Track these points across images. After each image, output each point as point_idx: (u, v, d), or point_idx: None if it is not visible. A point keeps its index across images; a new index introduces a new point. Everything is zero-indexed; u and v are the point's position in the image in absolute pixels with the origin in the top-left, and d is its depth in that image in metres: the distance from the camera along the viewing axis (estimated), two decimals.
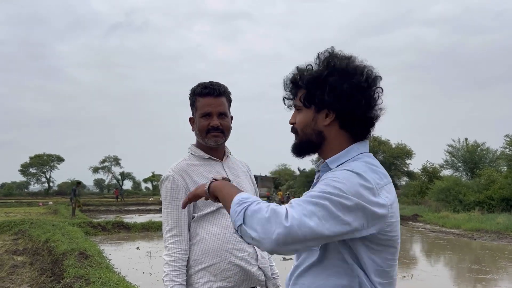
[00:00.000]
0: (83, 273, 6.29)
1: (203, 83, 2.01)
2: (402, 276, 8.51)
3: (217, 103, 1.96)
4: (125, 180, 72.92)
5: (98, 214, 26.10)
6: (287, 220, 1.08)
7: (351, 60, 1.31)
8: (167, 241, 1.89)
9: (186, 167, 1.96)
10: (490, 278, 8.80)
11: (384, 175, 1.28)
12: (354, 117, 1.28)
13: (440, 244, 14.04)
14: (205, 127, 1.96)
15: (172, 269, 1.84)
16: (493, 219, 17.87)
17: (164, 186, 1.94)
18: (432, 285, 8.23)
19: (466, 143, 31.30)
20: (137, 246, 12.75)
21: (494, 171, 25.78)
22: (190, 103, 2.04)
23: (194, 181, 1.93)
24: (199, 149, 2.03)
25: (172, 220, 1.90)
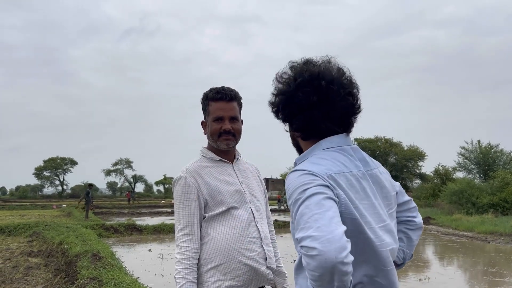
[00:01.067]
0: (96, 275, 6.37)
1: (215, 88, 2.07)
2: (419, 279, 8.50)
3: (229, 108, 2.03)
4: (137, 183, 73.41)
5: (110, 217, 26.32)
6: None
7: (290, 79, 1.39)
8: (179, 240, 1.94)
9: (198, 169, 2.02)
10: (507, 281, 8.71)
11: (333, 165, 1.30)
12: (303, 129, 1.38)
13: (454, 247, 13.90)
14: (217, 131, 2.02)
15: (183, 267, 1.89)
16: (507, 222, 17.65)
17: (176, 186, 2.00)
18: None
19: (479, 145, 30.94)
20: (149, 248, 12.85)
21: (508, 173, 25.44)
22: (202, 107, 2.11)
23: (205, 182, 1.99)
24: (210, 152, 2.09)
25: (184, 220, 1.95)
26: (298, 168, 1.29)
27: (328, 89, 1.33)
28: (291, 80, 1.38)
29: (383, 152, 43.97)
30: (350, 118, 1.40)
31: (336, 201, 1.21)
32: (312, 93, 1.33)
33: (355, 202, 1.27)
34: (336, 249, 1.05)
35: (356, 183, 1.31)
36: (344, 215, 1.22)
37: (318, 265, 1.05)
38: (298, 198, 1.19)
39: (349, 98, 1.37)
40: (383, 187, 1.40)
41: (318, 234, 1.07)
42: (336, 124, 1.37)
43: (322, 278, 1.07)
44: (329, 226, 1.09)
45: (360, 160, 1.38)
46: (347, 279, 1.08)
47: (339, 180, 1.27)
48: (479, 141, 31.01)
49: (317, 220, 1.11)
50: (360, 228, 1.25)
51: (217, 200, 1.97)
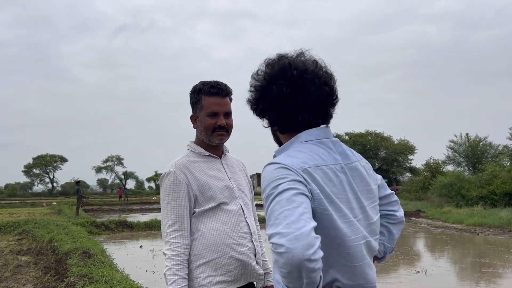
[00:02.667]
0: (87, 272, 6.33)
1: (208, 82, 2.03)
2: (417, 272, 8.57)
3: (224, 103, 2.01)
4: (128, 179, 73.11)
5: (101, 214, 26.17)
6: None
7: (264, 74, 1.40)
8: (168, 236, 1.91)
9: (187, 164, 1.99)
10: (501, 272, 8.83)
11: (310, 158, 1.30)
12: (278, 122, 1.39)
13: (445, 240, 14.04)
14: (211, 126, 1.99)
15: (174, 263, 1.86)
16: (495, 214, 17.86)
17: (165, 181, 1.96)
18: (447, 280, 8.26)
19: (467, 138, 31.24)
20: (140, 245, 12.80)
21: (497, 166, 25.74)
22: (192, 101, 2.06)
23: (195, 177, 1.96)
24: (199, 147, 2.06)
25: (174, 215, 1.92)
26: (274, 161, 1.29)
27: (301, 78, 1.33)
28: (265, 75, 1.38)
29: (374, 146, 44.21)
30: (327, 109, 1.39)
31: (309, 196, 1.20)
32: (285, 84, 1.33)
33: (331, 196, 1.26)
34: (303, 246, 1.05)
35: (333, 177, 1.30)
36: (317, 211, 1.22)
37: (285, 262, 1.06)
38: (270, 193, 1.20)
39: (325, 88, 1.35)
40: (363, 180, 1.39)
41: (286, 231, 1.08)
42: (313, 116, 1.36)
43: (291, 275, 1.08)
44: (297, 222, 1.09)
45: (339, 153, 1.37)
46: (316, 275, 1.08)
47: (315, 174, 1.26)
48: (468, 135, 31.33)
49: (286, 216, 1.11)
50: (334, 224, 1.25)
51: (207, 196, 1.95)
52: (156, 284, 7.01)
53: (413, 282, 7.79)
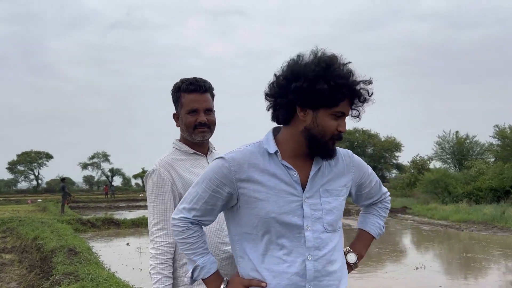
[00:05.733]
0: (72, 270, 6.26)
1: (187, 79, 2.01)
2: (416, 268, 8.65)
3: (203, 99, 1.98)
4: (114, 176, 72.48)
5: (87, 211, 25.96)
6: None
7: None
8: (153, 235, 1.89)
9: (172, 162, 1.96)
10: (493, 267, 8.98)
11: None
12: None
13: (433, 236, 14.21)
14: (192, 123, 1.96)
15: (159, 262, 1.84)
16: (480, 210, 18.12)
17: (150, 180, 1.94)
18: (446, 275, 8.39)
19: (456, 136, 31.60)
20: (127, 242, 12.72)
21: (482, 163, 26.10)
22: (174, 100, 2.04)
23: (180, 176, 1.93)
24: (184, 144, 2.03)
25: (159, 214, 1.89)
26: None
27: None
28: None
29: (361, 143, 44.53)
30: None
31: None
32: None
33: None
34: None
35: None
36: None
37: None
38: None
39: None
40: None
41: None
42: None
43: None
44: None
45: None
46: None
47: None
48: (457, 132, 31.69)
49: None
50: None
51: None
52: (143, 282, 6.96)
53: (409, 278, 7.88)
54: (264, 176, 1.45)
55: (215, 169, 1.48)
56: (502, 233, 14.06)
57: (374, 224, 1.74)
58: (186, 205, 1.54)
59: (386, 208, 1.78)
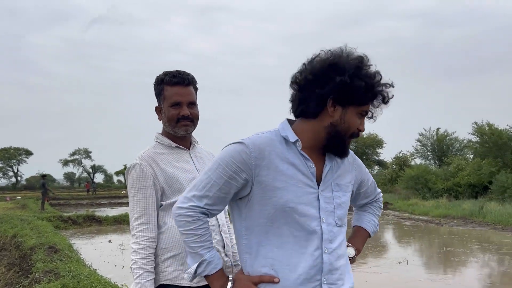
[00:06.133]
0: (53, 267, 6.17)
1: (170, 72, 1.98)
2: (399, 262, 8.78)
3: (187, 93, 1.95)
4: (96, 173, 71.62)
5: (68, 208, 25.60)
6: None
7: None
8: (135, 229, 1.87)
9: (154, 156, 1.94)
10: (473, 260, 9.15)
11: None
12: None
13: (414, 231, 14.42)
14: (175, 117, 1.93)
15: (140, 257, 1.82)
16: (459, 206, 18.47)
17: (131, 174, 1.91)
18: (427, 269, 8.52)
19: (436, 133, 32.09)
20: (109, 239, 12.59)
21: (462, 160, 26.58)
22: (156, 92, 2.01)
23: (162, 170, 1.91)
24: (166, 138, 2.00)
25: (140, 208, 1.87)
26: None
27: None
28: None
29: None
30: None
31: None
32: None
33: None
34: None
35: None
36: None
37: None
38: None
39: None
40: None
41: None
42: None
43: None
44: None
45: None
46: None
47: None
48: (438, 129, 32.17)
49: None
50: None
51: (175, 188, 1.90)
52: (125, 279, 6.89)
53: (392, 273, 7.99)
54: (283, 164, 1.40)
55: (233, 154, 1.39)
56: (480, 228, 14.36)
57: (370, 222, 1.77)
58: (196, 192, 1.42)
59: (380, 207, 1.81)
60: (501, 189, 19.37)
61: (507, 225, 13.92)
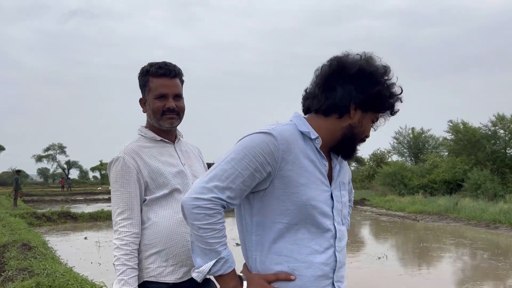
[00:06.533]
0: (27, 265, 6.01)
1: (156, 63, 1.92)
2: (378, 258, 8.87)
3: (173, 84, 1.90)
4: (71, 169, 70.23)
5: (42, 205, 24.99)
6: None
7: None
8: (117, 225, 1.80)
9: (138, 149, 1.87)
10: (448, 256, 9.33)
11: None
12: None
13: (391, 227, 14.64)
14: (160, 109, 1.88)
15: (123, 253, 1.75)
16: (434, 202, 18.86)
17: (113, 167, 1.84)
18: (405, 264, 8.63)
19: (412, 130, 32.65)
20: (85, 236, 12.36)
21: (437, 157, 27.12)
22: (141, 84, 1.95)
23: (146, 163, 1.85)
24: (150, 131, 1.94)
25: (123, 203, 1.80)
26: None
27: None
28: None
29: None
30: None
31: None
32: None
33: None
34: None
35: None
36: None
37: None
38: None
39: None
40: None
41: None
42: None
43: None
44: None
45: None
46: None
47: None
48: (413, 128, 32.74)
49: None
50: None
51: (159, 183, 1.84)
52: (102, 276, 6.76)
53: (373, 268, 8.08)
54: (305, 160, 1.35)
55: (261, 145, 1.30)
56: (455, 224, 14.68)
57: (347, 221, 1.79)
58: (219, 182, 1.29)
59: (351, 207, 1.82)
60: (474, 186, 19.84)
61: (480, 221, 14.27)
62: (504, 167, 21.28)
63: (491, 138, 22.50)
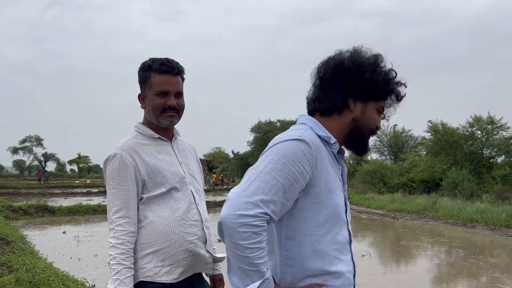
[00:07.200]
0: (5, 260, 5.87)
1: (159, 59, 1.89)
2: (362, 255, 8.92)
3: (175, 82, 1.87)
4: (48, 161, 68.91)
5: (18, 197, 24.43)
6: None
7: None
8: (114, 223, 1.76)
9: (135, 146, 1.83)
10: (429, 254, 9.47)
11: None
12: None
13: (372, 224, 14.81)
14: (160, 106, 1.85)
15: (119, 252, 1.72)
16: (413, 200, 19.14)
17: (110, 164, 1.80)
18: (386, 262, 8.72)
19: (394, 129, 33.06)
20: (63, 230, 12.14)
21: (416, 156, 27.54)
22: (141, 79, 1.91)
23: (144, 161, 1.81)
24: (147, 128, 1.91)
25: (120, 201, 1.76)
26: None
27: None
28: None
29: None
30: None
31: None
32: None
33: None
34: None
35: None
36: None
37: None
38: None
39: None
40: None
41: None
42: None
43: None
44: None
45: None
46: None
47: None
48: (395, 126, 33.12)
49: None
50: None
51: (157, 181, 1.81)
52: (82, 272, 6.65)
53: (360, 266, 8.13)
54: (329, 166, 1.32)
55: (298, 154, 1.24)
56: (433, 222, 14.95)
57: None
58: (263, 196, 1.18)
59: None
60: (452, 185, 20.24)
61: (457, 220, 14.56)
62: (481, 168, 21.75)
63: (469, 139, 22.95)
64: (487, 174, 20.95)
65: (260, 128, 48.34)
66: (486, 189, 19.49)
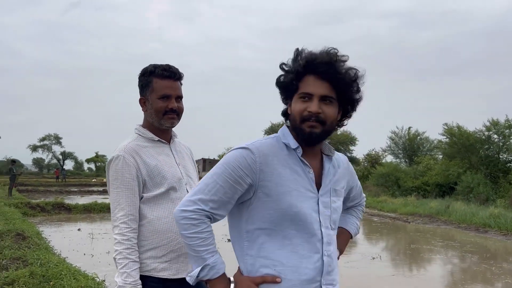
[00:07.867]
0: (20, 255, 6.08)
1: (160, 65, 2.02)
2: (373, 258, 8.99)
3: (176, 87, 2.01)
4: (66, 160, 69.99)
5: (36, 195, 24.97)
6: None
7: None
8: (118, 220, 1.88)
9: (137, 148, 1.96)
10: (439, 257, 9.44)
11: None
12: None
13: (381, 227, 14.76)
14: (162, 109, 1.98)
15: (125, 247, 1.84)
16: (427, 204, 18.98)
17: (113, 166, 1.92)
18: (397, 265, 8.74)
19: (408, 131, 32.74)
20: (78, 227, 12.41)
21: (431, 159, 27.27)
22: (143, 84, 2.03)
23: (145, 162, 1.94)
24: (148, 131, 2.03)
25: (123, 200, 1.89)
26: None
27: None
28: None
29: None
30: None
31: None
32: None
33: None
34: None
35: None
36: None
37: None
38: None
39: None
40: None
41: None
42: None
43: None
44: None
45: None
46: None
47: None
48: (409, 128, 32.82)
49: None
50: None
51: (156, 181, 1.94)
52: (94, 267, 6.84)
53: (370, 268, 8.19)
54: (286, 170, 1.46)
55: (239, 159, 1.44)
56: (445, 226, 14.83)
57: (353, 224, 1.84)
58: (202, 195, 1.44)
59: (363, 211, 1.90)
60: (467, 189, 20.00)
61: (470, 224, 14.42)
62: (497, 172, 21.44)
63: (485, 143, 22.63)
64: (503, 179, 20.64)
65: (273, 130, 48.45)
66: (501, 194, 19.21)
